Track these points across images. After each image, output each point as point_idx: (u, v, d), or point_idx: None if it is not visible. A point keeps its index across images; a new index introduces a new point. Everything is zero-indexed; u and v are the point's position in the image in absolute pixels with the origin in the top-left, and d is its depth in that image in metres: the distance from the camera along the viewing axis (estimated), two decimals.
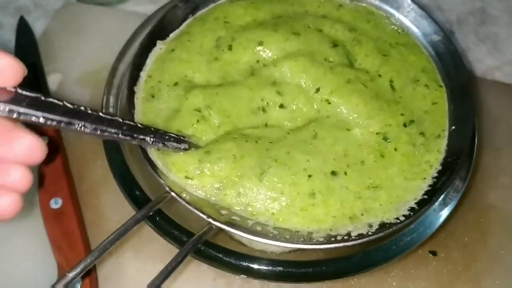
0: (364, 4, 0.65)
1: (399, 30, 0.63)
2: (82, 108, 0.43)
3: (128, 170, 0.57)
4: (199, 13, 0.64)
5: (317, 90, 0.56)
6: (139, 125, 0.47)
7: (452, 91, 0.58)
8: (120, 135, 0.46)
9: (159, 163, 0.51)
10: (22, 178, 0.39)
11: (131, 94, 0.57)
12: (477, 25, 0.91)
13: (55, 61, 0.82)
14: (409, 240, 0.53)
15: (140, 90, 0.58)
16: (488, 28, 0.91)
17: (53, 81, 0.79)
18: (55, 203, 0.62)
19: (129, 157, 0.58)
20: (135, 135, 0.47)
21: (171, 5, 0.63)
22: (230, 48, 0.59)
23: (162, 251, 0.60)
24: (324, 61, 0.58)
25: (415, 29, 0.63)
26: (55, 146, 0.69)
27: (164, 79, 0.58)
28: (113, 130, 0.45)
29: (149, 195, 0.56)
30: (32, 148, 0.38)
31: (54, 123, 0.40)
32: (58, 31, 0.85)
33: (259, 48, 0.58)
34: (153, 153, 0.52)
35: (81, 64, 0.80)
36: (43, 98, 0.39)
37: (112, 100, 0.60)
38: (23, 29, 0.85)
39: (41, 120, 0.39)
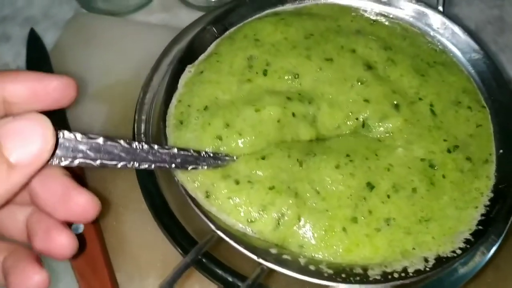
0: (398, 21, 0.63)
1: (436, 48, 0.61)
2: (137, 145, 0.43)
3: (169, 211, 0.54)
4: (227, 32, 0.61)
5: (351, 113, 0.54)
6: (193, 153, 0.48)
7: (496, 112, 0.56)
8: (173, 165, 0.46)
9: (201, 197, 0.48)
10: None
11: (163, 122, 0.54)
12: (495, 34, 0.90)
13: (68, 75, 0.78)
14: (465, 271, 0.51)
15: (171, 116, 0.54)
16: (507, 37, 0.89)
17: None
18: (77, 229, 0.59)
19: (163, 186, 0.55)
20: (187, 166, 0.48)
21: (200, 27, 0.60)
22: (265, 73, 0.56)
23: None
24: (357, 84, 0.56)
25: (452, 47, 0.61)
26: None
27: (194, 103, 0.55)
28: (167, 164, 0.46)
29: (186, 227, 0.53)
30: (88, 206, 0.36)
31: (112, 165, 0.40)
32: (69, 43, 0.81)
33: (294, 79, 0.56)
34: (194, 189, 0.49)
35: (94, 78, 0.77)
36: (101, 142, 0.39)
37: (143, 127, 0.56)
38: (34, 43, 0.81)
39: (98, 164, 0.38)
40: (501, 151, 0.54)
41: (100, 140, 0.39)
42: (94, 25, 0.83)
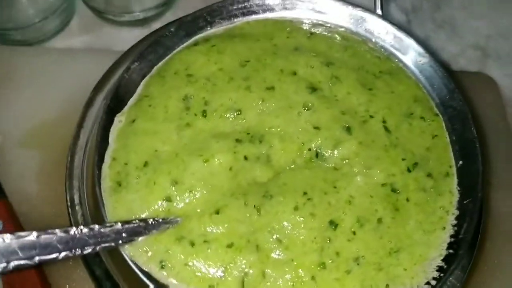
0: (336, 29, 0.59)
1: (380, 56, 0.57)
2: (75, 230, 0.41)
3: None
4: (155, 68, 0.55)
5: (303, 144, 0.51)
6: (140, 223, 0.45)
7: (450, 119, 0.54)
8: (120, 242, 0.44)
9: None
10: None
11: (98, 186, 0.48)
12: (432, 11, 0.87)
13: None
14: None
15: (106, 178, 0.49)
16: (444, 13, 0.87)
17: None
18: None
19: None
20: (135, 238, 0.45)
21: (123, 66, 0.54)
22: (204, 114, 0.51)
23: None
24: (303, 110, 0.52)
25: (397, 53, 0.57)
26: None
27: (131, 160, 0.50)
28: (113, 243, 0.44)
29: None
30: None
31: (52, 259, 0.39)
32: None
33: (237, 116, 0.51)
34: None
35: (19, 122, 0.70)
36: (35, 237, 0.38)
37: (76, 197, 0.50)
38: None
39: (36, 261, 0.37)
40: (460, 162, 0.52)
41: (33, 236, 0.38)
42: (11, 59, 0.75)
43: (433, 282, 0.46)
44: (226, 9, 0.58)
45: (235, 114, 0.52)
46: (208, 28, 0.58)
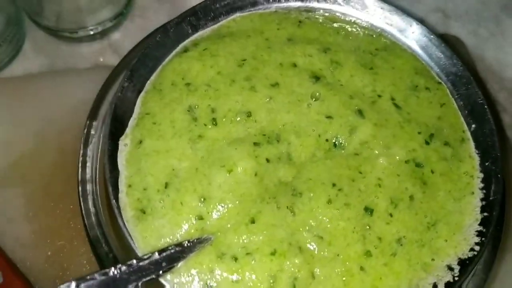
0: (323, 13, 0.58)
1: (373, 34, 0.57)
2: (113, 271, 0.40)
3: None
4: (149, 82, 0.52)
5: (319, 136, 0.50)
6: (176, 248, 0.43)
7: (453, 84, 0.54)
8: (160, 272, 0.42)
9: None
10: None
11: (120, 219, 0.45)
12: None
13: None
14: None
15: (126, 208, 0.46)
16: None
17: None
18: None
19: None
20: (175, 264, 0.43)
21: (120, 87, 0.50)
22: (214, 123, 0.49)
23: None
24: (312, 101, 0.51)
25: (388, 27, 0.57)
26: None
27: (150, 184, 0.47)
28: (153, 274, 0.42)
29: None
30: None
31: None
32: None
33: (248, 118, 0.50)
34: None
35: None
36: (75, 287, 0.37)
37: (100, 235, 0.47)
38: None
39: None
40: (473, 126, 0.52)
41: (73, 286, 0.37)
42: None
43: (477, 248, 0.46)
44: (209, 8, 0.56)
45: (246, 116, 0.50)
46: (194, 32, 0.55)
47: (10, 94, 0.69)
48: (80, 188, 0.49)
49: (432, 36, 0.55)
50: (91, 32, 0.74)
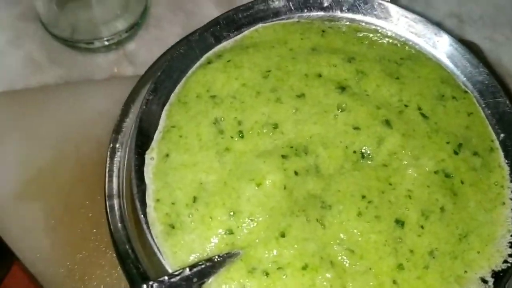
0: (346, 23, 0.57)
1: (397, 43, 0.56)
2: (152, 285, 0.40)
3: None
4: (173, 95, 0.52)
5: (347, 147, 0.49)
6: (207, 263, 0.43)
7: (480, 93, 0.54)
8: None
9: None
10: None
11: (149, 234, 0.45)
12: None
13: None
14: None
15: (155, 223, 0.45)
16: None
17: None
18: None
19: None
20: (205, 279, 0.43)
21: (145, 100, 0.50)
22: (241, 135, 0.48)
23: None
24: (339, 112, 0.51)
25: (412, 36, 0.57)
26: None
27: (178, 198, 0.46)
28: None
29: None
30: None
31: None
32: None
33: (274, 130, 0.49)
34: None
35: (13, 174, 0.64)
36: None
37: (129, 250, 0.46)
38: None
39: None
40: (502, 135, 0.52)
41: None
42: None
43: (511, 260, 0.46)
44: (231, 19, 0.55)
45: (272, 128, 0.49)
46: (218, 43, 0.55)
47: (27, 106, 0.69)
48: (107, 203, 0.49)
49: (457, 45, 0.55)
50: (107, 43, 0.74)
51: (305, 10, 0.57)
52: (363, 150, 0.49)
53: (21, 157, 0.65)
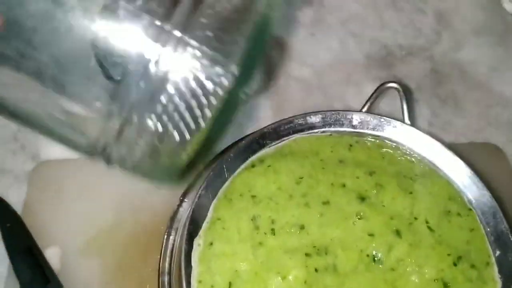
0: (371, 139, 0.68)
1: (413, 159, 0.66)
2: None
3: None
4: (221, 191, 0.63)
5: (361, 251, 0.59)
6: None
7: (482, 213, 0.62)
8: None
9: None
10: None
11: None
12: (435, 88, 0.97)
13: (47, 233, 0.76)
14: None
15: None
16: (445, 88, 0.97)
17: (52, 256, 0.74)
18: None
19: None
20: None
21: (198, 194, 0.61)
22: (273, 232, 0.59)
23: None
24: (357, 219, 0.60)
25: (427, 155, 0.66)
26: None
27: (217, 282, 0.57)
28: None
29: None
30: None
31: None
32: (39, 198, 0.78)
33: (301, 230, 0.59)
34: None
35: (77, 232, 0.75)
36: None
37: None
38: (5, 212, 0.78)
39: None
40: (498, 252, 0.60)
41: None
42: (60, 171, 0.81)
43: None
44: (275, 131, 0.67)
45: (299, 229, 0.59)
46: (261, 149, 0.66)
47: (89, 170, 0.77)
48: (159, 279, 0.60)
49: (467, 169, 0.64)
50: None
51: (337, 126, 0.68)
52: (375, 255, 0.58)
53: (86, 217, 0.76)
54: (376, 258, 0.58)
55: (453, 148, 0.66)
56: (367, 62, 0.99)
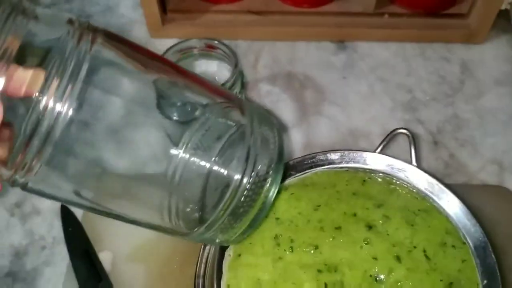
0: (383, 176, 0.78)
1: (418, 196, 0.76)
2: None
3: None
4: None
5: (365, 271, 0.69)
6: None
7: (475, 247, 0.71)
8: None
9: None
10: None
11: None
12: (454, 131, 1.06)
13: (102, 239, 0.88)
14: None
15: None
16: (464, 132, 1.06)
17: (105, 259, 0.86)
18: None
19: None
20: None
21: None
22: (291, 250, 0.70)
23: None
24: (364, 244, 0.70)
25: (430, 194, 0.76)
26: None
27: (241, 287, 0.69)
28: None
29: None
30: None
31: None
32: None
33: (315, 250, 0.70)
34: None
35: (126, 239, 0.87)
36: None
37: None
38: (68, 217, 0.92)
39: None
40: (485, 281, 0.69)
41: None
42: None
43: None
44: (300, 163, 0.78)
45: (314, 249, 0.70)
46: (286, 179, 0.78)
47: None
48: (195, 281, 0.72)
49: (462, 207, 0.73)
50: None
51: (353, 163, 0.79)
52: (377, 276, 0.68)
53: (135, 227, 0.80)
54: (378, 279, 0.68)
55: (466, 188, 0.76)
56: (393, 105, 1.10)
